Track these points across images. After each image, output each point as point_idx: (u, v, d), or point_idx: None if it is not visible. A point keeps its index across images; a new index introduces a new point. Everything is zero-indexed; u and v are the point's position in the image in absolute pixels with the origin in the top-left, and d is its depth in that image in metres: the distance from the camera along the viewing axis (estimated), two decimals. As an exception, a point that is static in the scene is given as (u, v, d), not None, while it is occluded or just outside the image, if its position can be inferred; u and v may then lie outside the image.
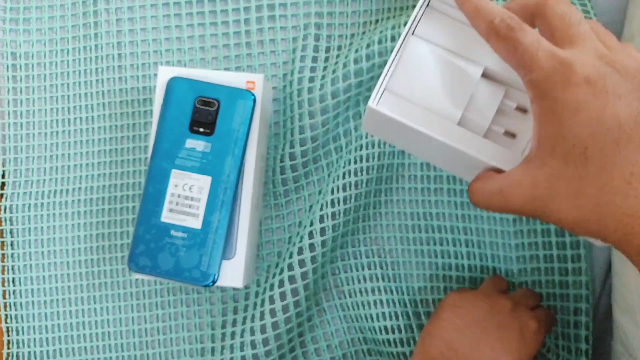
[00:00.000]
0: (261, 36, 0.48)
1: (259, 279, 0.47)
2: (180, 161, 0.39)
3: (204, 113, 0.39)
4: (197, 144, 0.39)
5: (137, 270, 0.39)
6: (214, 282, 0.39)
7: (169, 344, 0.47)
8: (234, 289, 0.47)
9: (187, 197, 0.39)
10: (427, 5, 0.30)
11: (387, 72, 0.30)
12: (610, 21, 0.44)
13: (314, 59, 0.47)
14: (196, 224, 0.39)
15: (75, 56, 0.49)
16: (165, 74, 0.42)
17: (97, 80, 0.49)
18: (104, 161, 0.48)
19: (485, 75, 0.30)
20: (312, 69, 0.47)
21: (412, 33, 0.30)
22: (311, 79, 0.46)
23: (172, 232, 0.39)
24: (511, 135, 0.30)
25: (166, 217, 0.39)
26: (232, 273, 0.40)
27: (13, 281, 0.48)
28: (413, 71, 0.30)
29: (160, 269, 0.39)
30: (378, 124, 0.32)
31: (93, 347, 0.47)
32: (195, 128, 0.39)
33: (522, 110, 0.30)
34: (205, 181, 0.39)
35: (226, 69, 0.48)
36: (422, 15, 0.30)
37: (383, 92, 0.30)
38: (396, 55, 0.30)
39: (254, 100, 0.40)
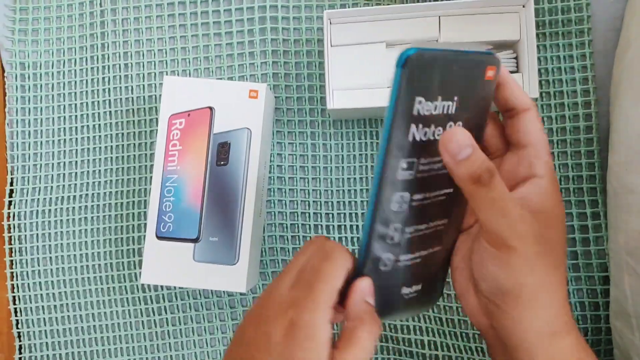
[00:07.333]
0: (264, 47, 0.49)
1: (265, 284, 0.48)
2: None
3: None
4: None
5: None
6: None
7: (179, 347, 0.48)
8: (241, 293, 0.48)
9: None
10: (330, 24, 0.43)
11: (327, 78, 0.43)
12: (607, 29, 0.45)
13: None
14: None
15: (82, 65, 0.50)
16: (170, 83, 0.43)
17: (103, 90, 0.50)
18: (110, 168, 0.49)
19: (388, 45, 0.43)
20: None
21: (331, 46, 0.43)
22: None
23: None
24: None
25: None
26: (236, 278, 0.41)
27: (22, 287, 0.49)
28: (343, 70, 0.43)
29: None
30: (340, 113, 0.45)
31: (105, 350, 0.48)
32: None
33: None
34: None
35: (230, 79, 0.49)
36: (330, 32, 0.43)
37: (333, 92, 0.43)
38: (327, 65, 0.43)
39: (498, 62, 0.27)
